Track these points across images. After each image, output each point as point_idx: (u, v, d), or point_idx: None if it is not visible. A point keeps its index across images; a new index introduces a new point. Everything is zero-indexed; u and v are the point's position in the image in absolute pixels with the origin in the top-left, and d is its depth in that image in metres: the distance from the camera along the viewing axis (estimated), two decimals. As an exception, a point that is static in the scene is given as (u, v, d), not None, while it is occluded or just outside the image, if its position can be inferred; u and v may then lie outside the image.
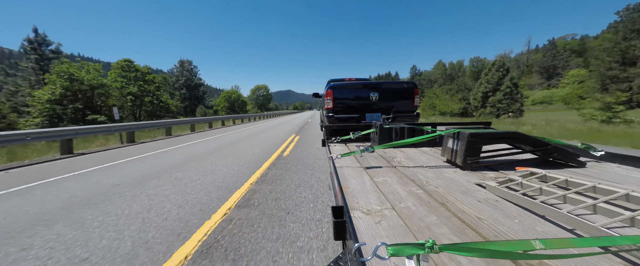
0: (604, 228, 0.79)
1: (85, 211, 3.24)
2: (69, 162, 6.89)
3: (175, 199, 3.54)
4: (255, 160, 6.14)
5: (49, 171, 5.73)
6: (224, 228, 2.65)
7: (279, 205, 3.25)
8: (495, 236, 0.86)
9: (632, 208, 0.97)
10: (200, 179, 4.52)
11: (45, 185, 4.53)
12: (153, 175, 4.96)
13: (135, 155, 7.40)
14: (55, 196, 3.89)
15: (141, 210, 3.18)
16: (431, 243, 0.59)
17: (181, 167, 5.60)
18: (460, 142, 1.73)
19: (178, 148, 8.64)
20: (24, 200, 3.75)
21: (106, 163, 6.39)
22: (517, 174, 1.43)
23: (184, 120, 16.77)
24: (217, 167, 5.44)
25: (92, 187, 4.32)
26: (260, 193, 3.71)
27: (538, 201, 1.02)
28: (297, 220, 2.81)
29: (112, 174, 5.17)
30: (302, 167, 5.25)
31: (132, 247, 2.33)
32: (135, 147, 9.42)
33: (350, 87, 4.96)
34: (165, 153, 7.62)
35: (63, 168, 6.00)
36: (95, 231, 2.66)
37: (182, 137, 12.72)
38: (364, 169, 1.81)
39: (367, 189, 1.37)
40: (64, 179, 4.93)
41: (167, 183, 4.36)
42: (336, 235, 0.93)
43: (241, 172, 5.01)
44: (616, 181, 1.35)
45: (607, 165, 1.71)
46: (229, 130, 16.29)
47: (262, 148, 8.10)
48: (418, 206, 1.13)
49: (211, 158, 6.55)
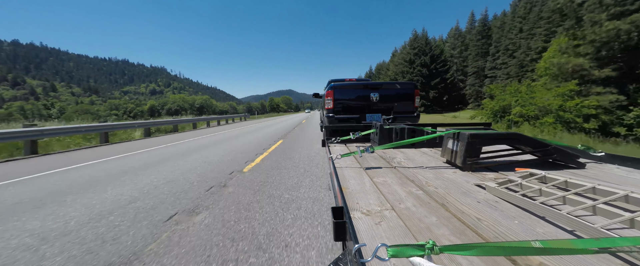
0: (604, 230, 0.79)
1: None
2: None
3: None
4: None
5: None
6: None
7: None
8: (495, 237, 0.86)
9: (632, 209, 0.97)
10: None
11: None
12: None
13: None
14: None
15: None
16: (431, 244, 0.59)
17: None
18: (460, 142, 1.74)
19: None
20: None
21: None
22: (516, 175, 1.44)
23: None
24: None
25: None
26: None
27: (538, 202, 1.03)
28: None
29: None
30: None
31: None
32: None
33: (350, 87, 4.97)
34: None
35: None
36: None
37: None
38: (364, 170, 1.81)
39: (367, 190, 1.37)
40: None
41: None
42: (336, 236, 0.93)
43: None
44: (616, 182, 1.35)
45: (607, 166, 1.71)
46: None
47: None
48: (418, 207, 1.13)
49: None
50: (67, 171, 5.53)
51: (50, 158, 7.41)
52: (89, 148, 9.49)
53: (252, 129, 16.24)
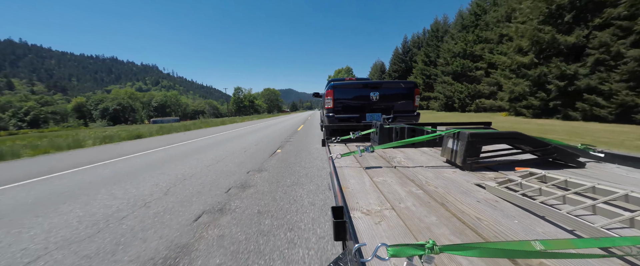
0: (604, 229, 0.79)
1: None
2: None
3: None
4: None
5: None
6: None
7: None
8: (494, 237, 0.87)
9: (632, 208, 0.97)
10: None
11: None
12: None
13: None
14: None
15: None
16: (431, 244, 0.59)
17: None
18: (460, 142, 1.74)
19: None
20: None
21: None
22: (516, 174, 1.44)
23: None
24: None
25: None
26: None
27: (537, 201, 1.03)
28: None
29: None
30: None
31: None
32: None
33: (350, 86, 4.97)
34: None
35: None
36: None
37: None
38: (364, 169, 1.81)
39: (367, 189, 1.37)
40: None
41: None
42: (336, 236, 0.93)
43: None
44: (616, 181, 1.35)
45: (607, 166, 1.71)
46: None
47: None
48: (418, 206, 1.13)
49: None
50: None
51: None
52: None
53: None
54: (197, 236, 2.60)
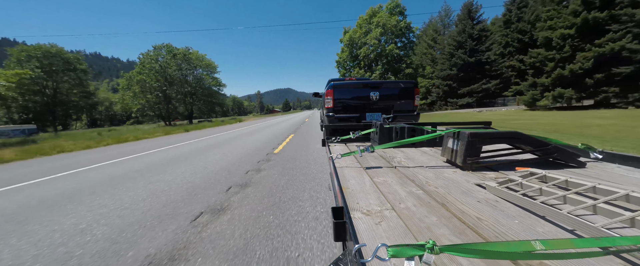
0: (604, 229, 0.79)
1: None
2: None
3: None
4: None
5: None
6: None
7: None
8: (495, 237, 0.86)
9: (632, 208, 0.97)
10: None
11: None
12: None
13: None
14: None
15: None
16: (431, 244, 0.59)
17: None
18: (460, 142, 1.73)
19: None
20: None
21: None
22: (517, 174, 1.43)
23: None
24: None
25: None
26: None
27: (538, 201, 1.02)
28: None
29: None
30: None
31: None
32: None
33: (350, 86, 4.96)
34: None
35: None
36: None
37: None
38: (364, 169, 1.80)
39: (367, 189, 1.37)
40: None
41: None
42: (336, 236, 0.93)
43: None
44: (616, 181, 1.35)
45: (607, 166, 1.70)
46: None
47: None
48: (418, 206, 1.13)
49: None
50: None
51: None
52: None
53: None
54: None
